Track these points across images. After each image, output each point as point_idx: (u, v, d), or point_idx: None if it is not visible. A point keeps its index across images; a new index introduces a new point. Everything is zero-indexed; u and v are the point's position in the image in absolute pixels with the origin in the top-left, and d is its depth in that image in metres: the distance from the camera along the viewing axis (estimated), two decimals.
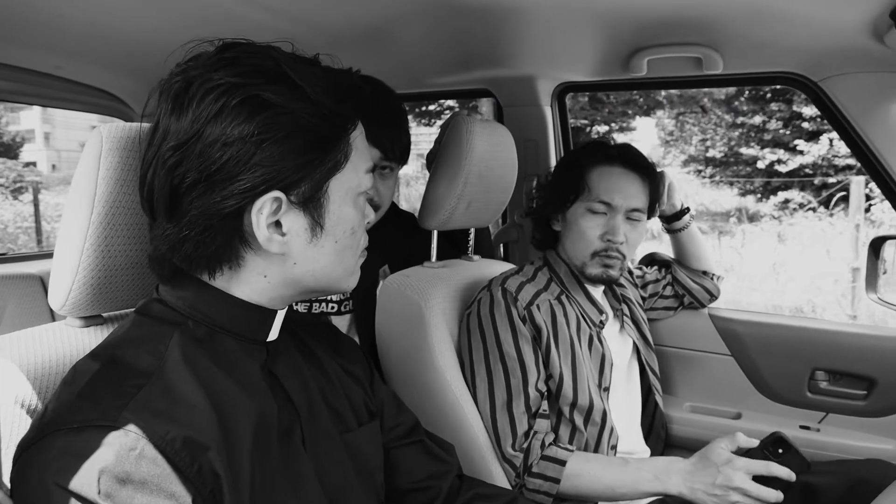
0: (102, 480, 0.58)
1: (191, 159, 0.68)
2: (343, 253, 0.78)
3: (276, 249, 0.73)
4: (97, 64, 1.74)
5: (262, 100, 0.68)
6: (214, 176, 0.68)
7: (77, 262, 0.83)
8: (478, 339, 1.33)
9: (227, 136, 0.67)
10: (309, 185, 0.72)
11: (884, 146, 1.48)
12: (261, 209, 0.70)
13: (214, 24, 1.31)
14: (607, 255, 1.37)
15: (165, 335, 0.72)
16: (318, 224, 0.75)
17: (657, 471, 1.19)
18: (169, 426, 0.63)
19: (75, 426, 0.62)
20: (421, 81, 1.94)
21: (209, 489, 0.64)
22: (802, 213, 10.65)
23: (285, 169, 0.70)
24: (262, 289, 0.76)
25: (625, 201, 1.37)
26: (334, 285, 0.81)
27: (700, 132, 13.67)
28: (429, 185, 1.44)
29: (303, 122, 0.70)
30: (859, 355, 1.58)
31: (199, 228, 0.70)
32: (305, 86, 0.70)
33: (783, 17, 1.25)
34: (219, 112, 0.67)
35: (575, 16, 1.32)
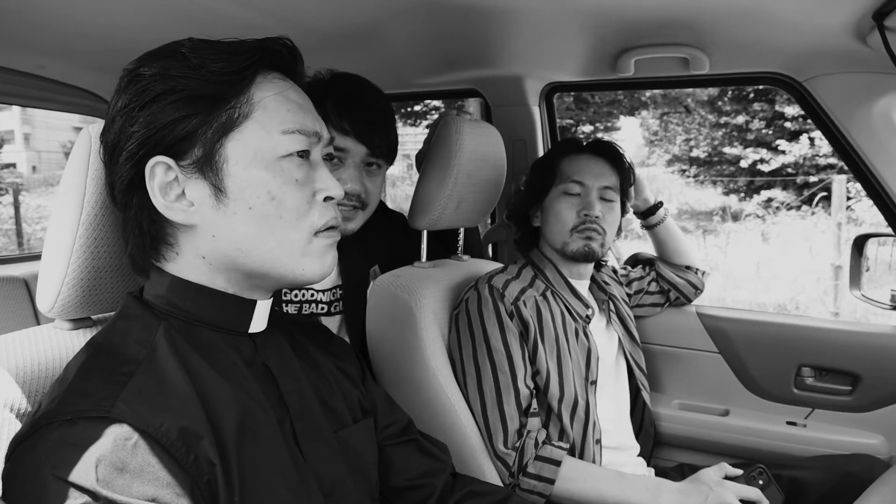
0: (100, 468, 0.58)
1: (103, 144, 0.75)
2: (269, 221, 0.73)
3: (181, 219, 0.73)
4: (81, 64, 1.72)
5: (137, 73, 0.72)
6: (113, 153, 0.73)
7: (66, 263, 0.82)
8: (467, 336, 1.33)
9: (114, 113, 0.72)
10: (200, 148, 0.71)
11: (866, 145, 1.50)
12: (151, 176, 0.71)
13: (201, 23, 1.30)
14: (586, 228, 1.41)
15: (152, 326, 0.73)
16: (219, 188, 0.72)
17: (650, 487, 1.23)
18: (163, 417, 0.63)
19: (68, 418, 0.62)
20: (409, 81, 1.94)
21: (206, 479, 0.64)
22: (785, 211, 10.76)
23: (159, 130, 0.71)
24: (208, 271, 0.76)
25: (595, 180, 1.43)
26: (281, 267, 0.75)
27: (684, 132, 13.77)
28: (418, 184, 1.44)
29: (175, 85, 0.71)
30: (844, 351, 1.60)
31: (123, 208, 0.75)
32: (192, 56, 0.72)
33: (768, 18, 1.27)
34: (117, 97, 0.73)
35: (562, 16, 1.33)
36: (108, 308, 0.90)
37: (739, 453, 1.63)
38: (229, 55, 0.73)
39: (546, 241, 1.48)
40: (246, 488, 0.68)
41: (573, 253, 1.42)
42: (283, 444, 0.76)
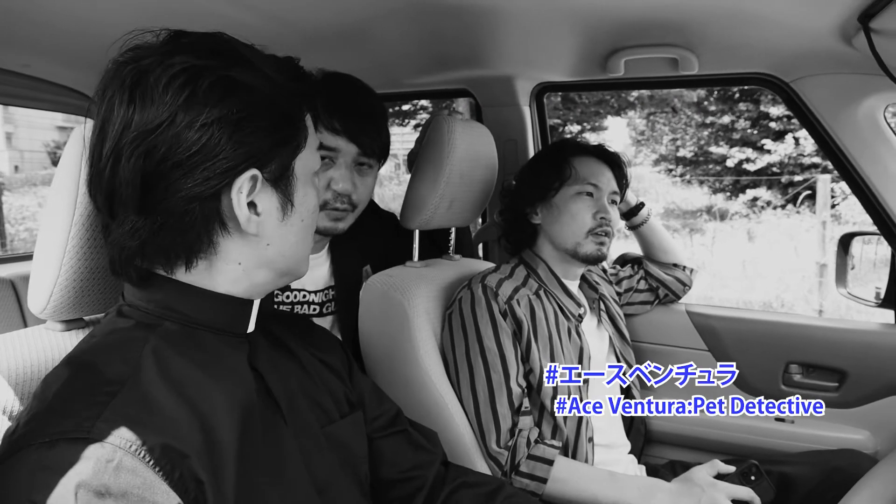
0: (80, 495, 0.56)
1: (164, 145, 0.66)
2: (307, 232, 0.81)
3: (254, 230, 0.73)
4: (68, 62, 1.71)
5: (232, 79, 0.69)
6: (193, 158, 0.67)
7: (59, 264, 0.82)
8: (460, 335, 1.34)
9: (204, 118, 0.66)
10: (278, 164, 0.74)
11: (852, 145, 1.52)
12: (240, 188, 0.71)
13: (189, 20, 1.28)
14: (601, 232, 1.43)
15: (138, 341, 0.70)
16: (290, 202, 0.76)
17: (642, 488, 1.23)
18: (146, 435, 0.61)
19: (47, 440, 0.59)
20: (400, 81, 1.94)
21: (192, 496, 0.63)
22: (770, 210, 10.86)
23: (262, 147, 0.71)
24: (237, 277, 0.76)
25: (608, 185, 1.47)
26: (298, 268, 0.82)
27: (670, 132, 13.86)
28: (410, 184, 1.45)
29: (270, 102, 0.71)
30: (831, 348, 1.62)
31: (176, 216, 0.69)
32: (264, 67, 0.72)
33: (756, 19, 1.28)
34: (190, 96, 0.66)
35: (553, 16, 1.33)
36: (100, 309, 0.90)
37: (729, 449, 1.65)
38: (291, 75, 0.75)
39: (552, 239, 1.47)
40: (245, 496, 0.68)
41: (585, 255, 1.43)
42: (278, 446, 0.76)
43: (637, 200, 1.74)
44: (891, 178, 1.50)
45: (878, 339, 1.60)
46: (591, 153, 1.50)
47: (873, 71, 1.26)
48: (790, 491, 1.37)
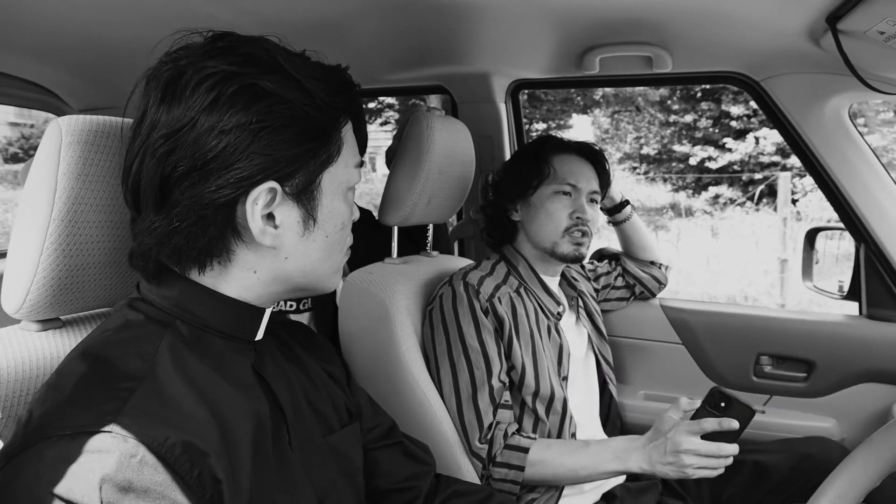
0: (105, 489, 0.55)
1: (184, 148, 0.66)
2: (332, 248, 0.78)
3: (269, 242, 0.71)
4: (29, 55, 1.65)
5: (258, 88, 0.67)
6: (209, 164, 0.66)
7: (36, 262, 0.79)
8: (441, 333, 1.34)
9: (223, 125, 0.65)
10: (303, 178, 0.71)
11: (818, 142, 1.57)
12: (256, 200, 0.69)
13: (162, 16, 1.27)
14: (578, 231, 1.43)
15: (154, 336, 0.69)
16: (312, 217, 0.74)
17: (617, 451, 1.21)
18: (168, 431, 0.60)
19: (68, 432, 0.58)
20: (375, 77, 1.93)
21: (209, 495, 0.62)
22: (732, 207, 11.12)
23: (281, 159, 0.68)
24: (251, 285, 0.75)
25: (587, 184, 1.46)
26: (320, 283, 0.79)
27: (634, 130, 14.07)
28: (389, 181, 1.44)
29: (299, 113, 0.69)
30: (800, 340, 1.67)
31: (190, 220, 0.68)
32: (300, 77, 0.69)
33: (728, 19, 1.31)
34: (214, 100, 0.66)
35: (529, 13, 1.34)
36: (79, 308, 0.87)
37: None
38: (326, 84, 0.72)
39: (530, 237, 1.47)
40: (257, 497, 0.67)
41: (563, 255, 1.43)
42: (284, 453, 0.76)
43: (622, 197, 1.75)
44: (855, 175, 1.55)
45: (845, 330, 1.66)
46: (572, 151, 1.50)
47: (840, 71, 1.31)
48: (764, 478, 1.41)
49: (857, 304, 1.67)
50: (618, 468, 1.20)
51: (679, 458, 1.10)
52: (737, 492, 1.43)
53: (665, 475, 1.14)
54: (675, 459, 1.10)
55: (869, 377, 1.61)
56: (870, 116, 10.06)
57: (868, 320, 1.64)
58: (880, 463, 0.75)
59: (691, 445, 1.08)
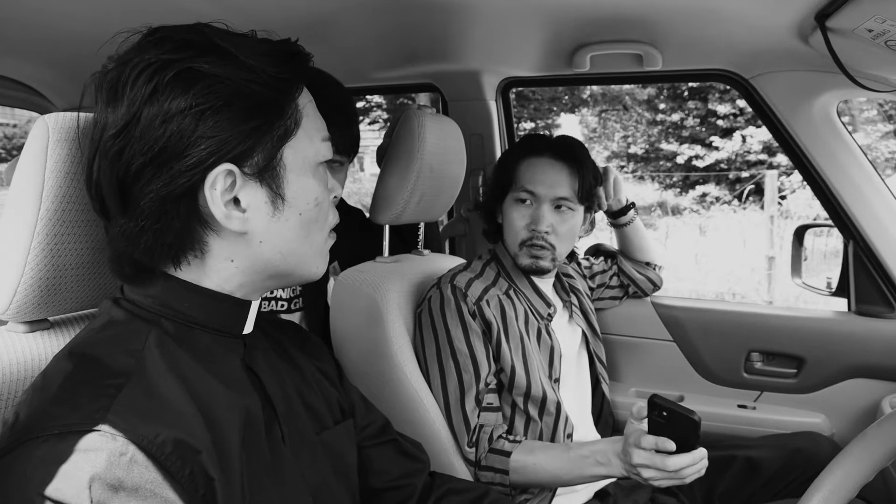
0: (94, 488, 0.54)
1: (133, 144, 0.65)
2: (310, 227, 0.75)
3: (237, 227, 0.70)
4: (13, 54, 1.63)
5: (195, 71, 0.66)
6: (159, 157, 0.65)
7: (23, 262, 0.78)
8: (430, 336, 1.33)
9: (165, 113, 0.64)
10: (262, 155, 0.70)
11: (807, 139, 1.58)
12: (213, 184, 0.67)
13: (149, 13, 1.25)
14: (533, 245, 1.38)
15: (141, 332, 0.69)
16: (279, 195, 0.72)
17: (598, 455, 1.18)
18: (158, 429, 0.60)
19: (56, 432, 0.57)
20: (364, 75, 1.92)
21: (201, 493, 0.61)
22: (719, 206, 11.19)
23: (231, 139, 0.67)
24: (231, 275, 0.73)
25: (549, 190, 1.38)
26: (303, 267, 0.77)
27: (622, 129, 14.14)
28: (380, 179, 1.43)
29: (241, 89, 0.67)
30: (790, 336, 1.68)
31: (154, 217, 0.67)
32: (238, 53, 0.68)
33: (718, 17, 1.31)
34: (153, 91, 0.65)
35: (519, 11, 1.34)
36: (67, 309, 0.86)
37: None
38: (276, 60, 0.70)
39: (504, 242, 1.46)
40: (250, 494, 0.67)
41: (523, 267, 1.41)
42: (276, 450, 0.75)
43: (628, 201, 1.68)
44: (844, 172, 1.57)
45: (834, 326, 1.67)
46: (543, 153, 1.41)
47: (828, 68, 1.32)
48: (756, 473, 1.42)
49: (846, 301, 1.69)
50: (600, 472, 1.19)
51: (637, 471, 1.08)
52: (729, 487, 1.44)
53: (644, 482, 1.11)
54: (637, 473, 1.08)
55: (858, 373, 1.62)
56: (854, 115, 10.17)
57: (857, 316, 1.65)
58: (874, 458, 0.75)
59: (641, 460, 1.06)
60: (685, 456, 1.04)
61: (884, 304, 1.61)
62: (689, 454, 1.04)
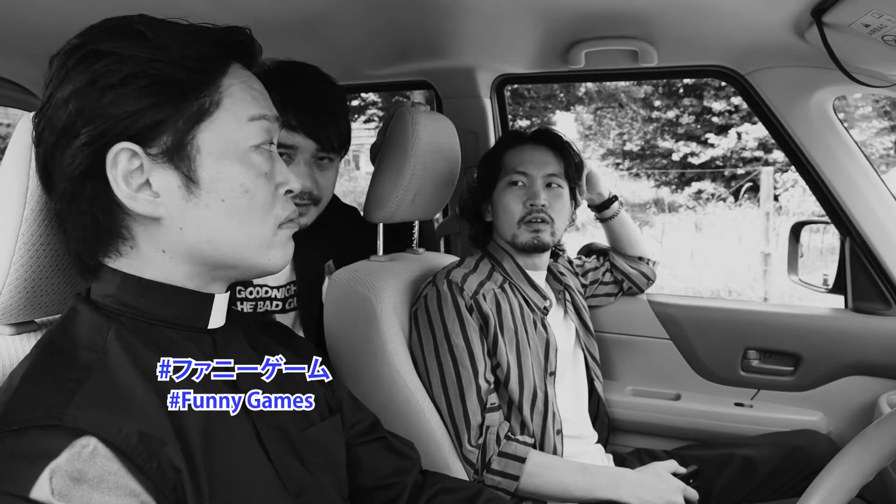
0: (55, 480, 0.54)
1: (45, 127, 0.67)
2: (241, 216, 0.72)
3: (146, 210, 0.68)
4: (4, 53, 1.61)
5: (99, 51, 0.66)
6: (63, 135, 0.66)
7: (8, 263, 0.76)
8: (427, 333, 1.32)
9: (69, 93, 0.66)
10: (171, 137, 0.68)
11: (804, 136, 1.57)
12: (115, 163, 0.67)
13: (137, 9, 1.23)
14: (532, 220, 1.40)
15: (102, 329, 0.68)
16: (191, 179, 0.69)
17: (612, 478, 1.27)
18: (121, 421, 0.60)
19: (16, 428, 0.57)
20: (358, 73, 1.91)
21: (171, 485, 0.61)
22: (714, 202, 11.21)
23: (126, 116, 0.66)
24: (167, 266, 0.72)
25: (539, 169, 1.44)
26: (249, 259, 0.74)
27: (617, 126, 14.14)
28: (373, 177, 1.42)
29: (141, 68, 0.66)
30: (787, 333, 1.68)
31: (66, 199, 0.68)
32: (153, 36, 0.68)
33: (713, 12, 1.30)
34: (65, 75, 0.66)
35: (514, 7, 1.33)
36: (54, 310, 0.85)
37: (691, 436, 1.68)
38: (195, 41, 0.70)
39: (498, 234, 1.48)
40: (216, 493, 0.66)
41: (523, 245, 1.42)
42: (249, 445, 0.74)
43: (611, 194, 1.74)
44: (840, 168, 1.56)
45: (831, 323, 1.66)
46: (526, 141, 1.49)
47: (825, 64, 1.31)
48: (753, 471, 1.41)
49: (843, 298, 1.68)
50: (609, 496, 1.25)
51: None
52: (727, 486, 1.43)
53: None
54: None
55: (855, 370, 1.62)
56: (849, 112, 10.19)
57: (854, 313, 1.65)
58: (873, 458, 0.74)
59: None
60: None
61: (881, 301, 1.61)
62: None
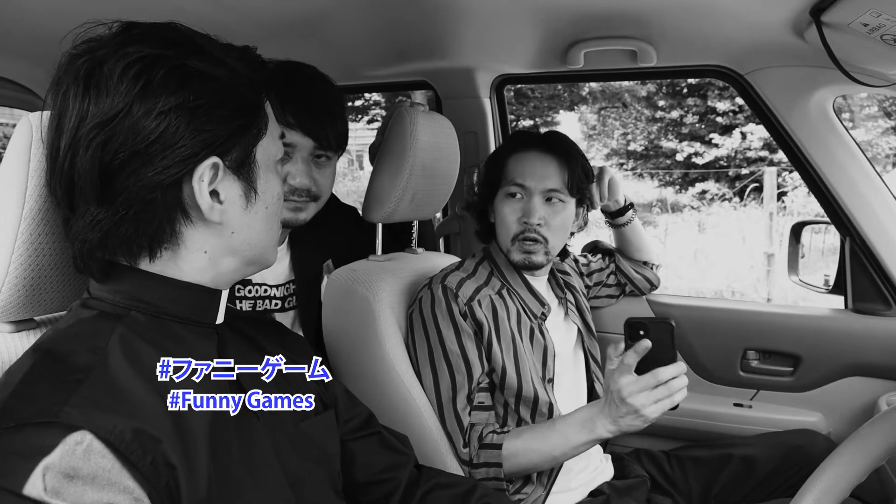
0: (48, 477, 0.56)
1: (121, 135, 0.66)
2: (272, 220, 0.81)
3: (217, 218, 0.73)
4: (4, 53, 1.62)
5: (188, 68, 0.69)
6: (151, 148, 0.67)
7: (7, 262, 0.77)
8: (422, 336, 1.32)
9: (160, 107, 0.67)
10: (239, 152, 0.74)
11: (804, 136, 1.57)
12: (201, 177, 0.71)
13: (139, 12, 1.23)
14: (525, 239, 1.36)
15: (105, 331, 0.70)
16: (253, 189, 0.77)
17: (582, 421, 1.19)
18: (115, 419, 0.61)
19: (12, 425, 0.58)
20: (358, 73, 1.91)
21: (164, 482, 0.62)
22: (718, 203, 11.18)
23: (220, 134, 0.71)
24: (203, 267, 0.76)
25: (539, 182, 1.36)
26: (265, 255, 0.83)
27: (621, 126, 14.13)
28: (372, 177, 1.42)
29: (228, 89, 0.72)
30: (786, 334, 1.67)
31: (138, 206, 0.69)
32: (222, 56, 0.72)
33: (711, 12, 1.31)
34: (146, 85, 0.67)
35: (513, 7, 1.33)
36: (52, 308, 0.85)
37: (690, 436, 1.68)
38: (245, 62, 0.75)
39: (497, 240, 1.45)
40: (216, 487, 0.67)
41: (515, 263, 1.39)
42: (251, 439, 0.76)
43: (626, 201, 1.67)
44: (840, 169, 1.56)
45: (831, 324, 1.66)
46: (531, 147, 1.40)
47: (824, 64, 1.30)
48: (753, 470, 1.41)
49: (843, 298, 1.68)
50: (588, 438, 1.18)
51: (628, 404, 1.09)
52: (726, 486, 1.43)
53: (634, 428, 1.12)
54: (628, 408, 1.09)
55: (855, 371, 1.61)
56: (855, 111, 10.15)
57: (854, 314, 1.64)
58: (866, 458, 0.74)
59: (630, 386, 1.08)
60: (669, 368, 1.08)
61: (881, 302, 1.60)
62: (674, 365, 1.08)
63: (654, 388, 1.07)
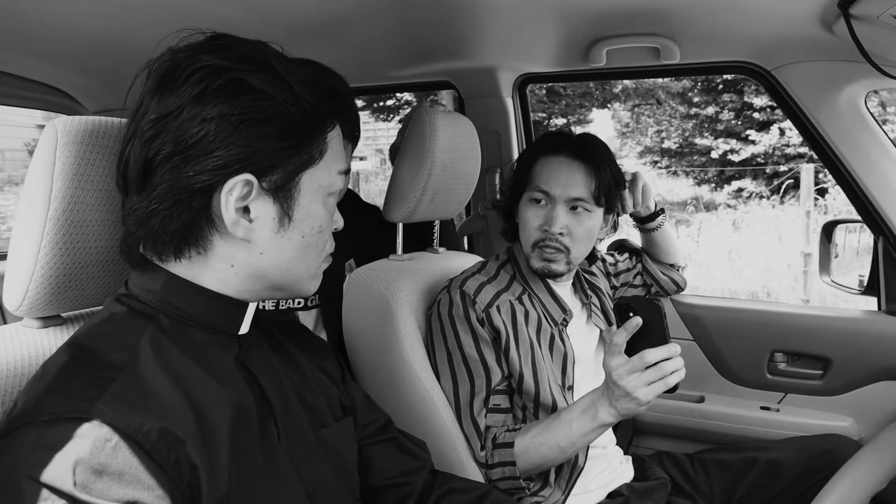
0: (77, 471, 0.58)
1: (167, 133, 0.69)
2: (308, 251, 0.79)
3: (242, 234, 0.73)
4: (46, 59, 1.68)
5: (245, 83, 0.70)
6: (190, 150, 0.69)
7: (34, 260, 0.80)
8: (440, 340, 1.32)
9: (206, 113, 0.68)
10: (281, 175, 0.73)
11: (833, 132, 1.53)
12: (231, 190, 0.71)
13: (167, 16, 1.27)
14: (545, 246, 1.33)
15: (137, 330, 0.72)
16: (287, 215, 0.75)
17: (584, 407, 1.17)
18: (144, 418, 0.63)
19: (46, 419, 0.61)
20: (381, 74, 1.93)
21: (186, 481, 0.64)
22: (755, 201, 10.95)
23: (259, 152, 0.71)
24: (229, 278, 0.76)
25: (564, 190, 1.31)
26: (296, 285, 0.81)
27: (655, 123, 13.93)
28: (393, 177, 1.43)
29: (282, 111, 0.71)
30: (815, 336, 1.63)
31: (167, 202, 0.70)
32: (289, 78, 0.72)
33: (736, 7, 1.28)
34: (202, 91, 0.69)
35: (534, 6, 1.33)
36: (78, 305, 0.88)
37: (715, 439, 1.66)
38: (316, 89, 0.75)
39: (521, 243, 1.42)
40: (235, 490, 0.68)
41: (535, 270, 1.36)
42: (270, 446, 0.77)
43: (658, 207, 1.62)
44: (873, 166, 1.51)
45: (862, 326, 1.61)
46: (561, 151, 1.34)
47: (854, 58, 1.27)
48: (779, 475, 1.38)
49: (876, 299, 1.63)
50: (592, 425, 1.16)
51: (622, 387, 1.07)
52: (749, 490, 1.40)
53: (631, 412, 1.11)
54: (623, 391, 1.08)
55: (888, 375, 1.56)
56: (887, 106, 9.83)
57: (887, 315, 1.59)
58: (885, 465, 0.72)
59: (619, 368, 1.07)
60: (659, 349, 1.06)
61: None
62: (664, 346, 1.06)
63: (644, 371, 1.06)
